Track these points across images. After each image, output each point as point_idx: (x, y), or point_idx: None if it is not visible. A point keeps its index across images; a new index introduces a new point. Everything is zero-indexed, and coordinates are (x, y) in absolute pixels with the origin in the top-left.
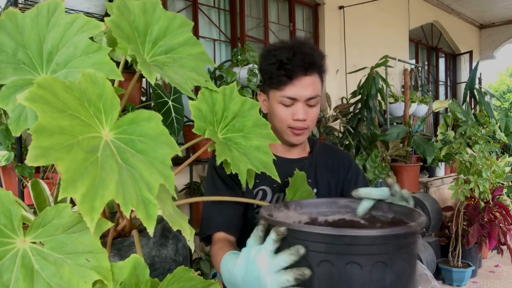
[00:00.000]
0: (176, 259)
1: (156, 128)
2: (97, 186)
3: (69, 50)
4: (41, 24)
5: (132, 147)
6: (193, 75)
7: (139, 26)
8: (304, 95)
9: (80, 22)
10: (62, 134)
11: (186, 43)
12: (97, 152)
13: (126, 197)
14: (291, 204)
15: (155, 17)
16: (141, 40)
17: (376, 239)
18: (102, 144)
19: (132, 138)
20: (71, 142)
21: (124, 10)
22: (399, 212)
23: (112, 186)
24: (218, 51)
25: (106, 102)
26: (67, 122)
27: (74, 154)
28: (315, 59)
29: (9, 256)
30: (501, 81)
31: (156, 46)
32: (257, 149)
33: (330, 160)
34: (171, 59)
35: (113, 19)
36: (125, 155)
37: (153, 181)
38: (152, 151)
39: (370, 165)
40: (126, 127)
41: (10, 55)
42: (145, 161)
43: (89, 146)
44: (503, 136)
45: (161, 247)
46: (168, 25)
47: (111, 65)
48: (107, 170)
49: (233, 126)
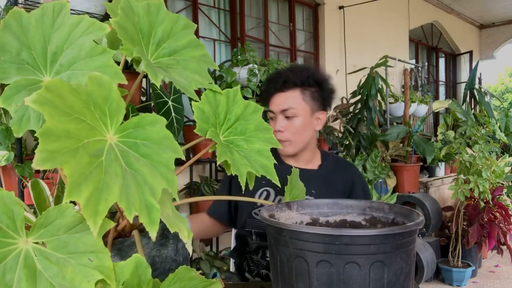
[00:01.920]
0: (176, 259)
1: (160, 132)
2: (101, 190)
3: (74, 52)
4: (46, 24)
5: (136, 151)
6: (197, 77)
7: (143, 28)
8: (278, 108)
9: (85, 24)
10: (68, 137)
11: (189, 45)
12: (101, 156)
13: (129, 202)
14: (293, 204)
15: (159, 19)
16: (145, 42)
17: (374, 238)
18: (106, 147)
19: (136, 142)
20: (77, 145)
21: (129, 11)
22: (399, 213)
23: (116, 190)
24: (218, 51)
25: (112, 105)
26: (73, 125)
27: (79, 158)
28: (291, 77)
29: (11, 256)
30: (500, 81)
31: (160, 48)
32: (258, 153)
33: (338, 175)
34: (174, 61)
35: (118, 20)
36: (129, 159)
37: (157, 186)
38: (156, 155)
39: (370, 165)
40: (131, 130)
41: (14, 55)
42: (149, 165)
43: (94, 150)
44: (503, 136)
45: (161, 247)
46: (171, 27)
47: (115, 69)
48: (111, 174)
49: (235, 129)
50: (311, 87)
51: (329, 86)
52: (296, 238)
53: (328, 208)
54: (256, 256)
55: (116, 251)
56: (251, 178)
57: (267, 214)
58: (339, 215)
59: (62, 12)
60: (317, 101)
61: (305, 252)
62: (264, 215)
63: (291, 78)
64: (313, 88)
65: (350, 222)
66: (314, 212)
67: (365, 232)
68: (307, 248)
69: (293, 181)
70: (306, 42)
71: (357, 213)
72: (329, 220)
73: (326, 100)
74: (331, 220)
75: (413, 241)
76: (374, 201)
